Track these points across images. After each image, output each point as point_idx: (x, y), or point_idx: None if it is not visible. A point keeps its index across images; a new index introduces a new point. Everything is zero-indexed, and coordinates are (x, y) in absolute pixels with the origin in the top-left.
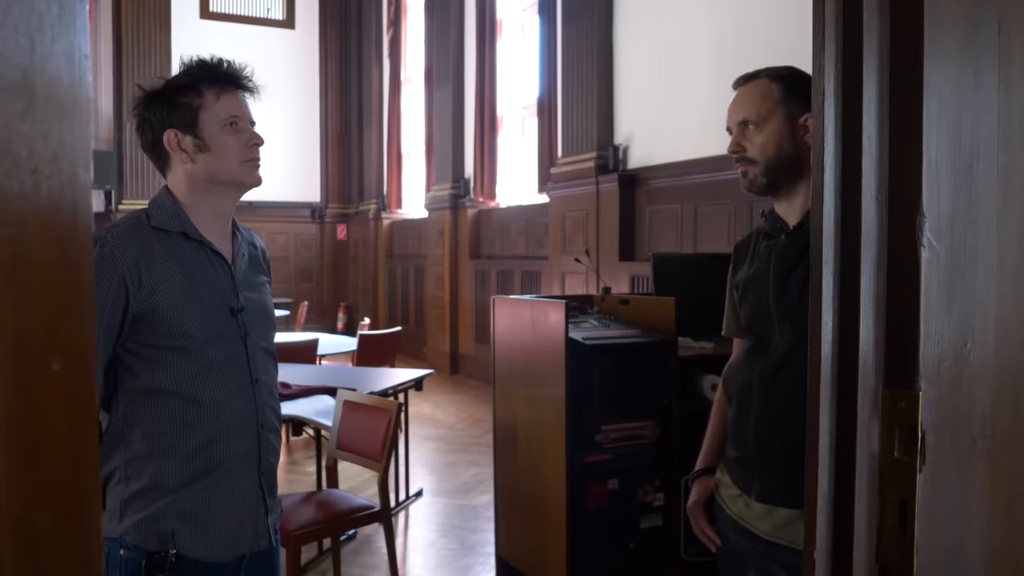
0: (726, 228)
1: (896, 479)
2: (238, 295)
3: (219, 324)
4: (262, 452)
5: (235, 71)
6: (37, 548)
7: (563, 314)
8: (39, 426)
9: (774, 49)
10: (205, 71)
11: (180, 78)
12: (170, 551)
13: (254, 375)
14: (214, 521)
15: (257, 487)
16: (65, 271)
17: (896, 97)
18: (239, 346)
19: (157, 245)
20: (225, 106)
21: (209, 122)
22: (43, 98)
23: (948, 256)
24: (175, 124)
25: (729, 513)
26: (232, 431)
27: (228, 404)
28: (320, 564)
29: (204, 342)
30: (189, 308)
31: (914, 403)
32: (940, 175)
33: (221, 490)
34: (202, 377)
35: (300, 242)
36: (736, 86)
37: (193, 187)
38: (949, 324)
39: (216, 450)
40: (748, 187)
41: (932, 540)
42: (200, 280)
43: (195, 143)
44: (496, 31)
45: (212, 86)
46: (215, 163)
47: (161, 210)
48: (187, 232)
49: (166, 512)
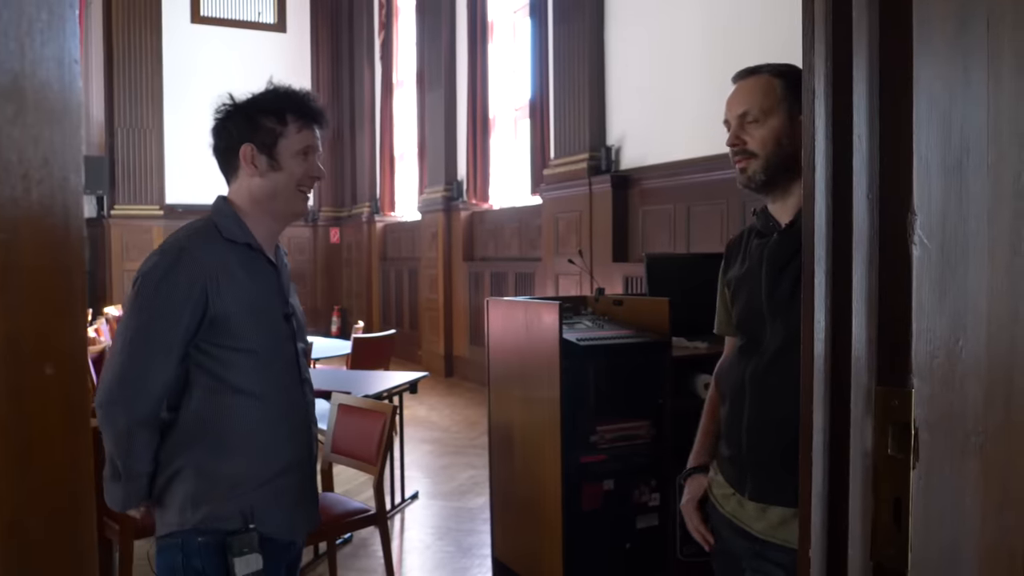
0: (719, 228)
1: (890, 476)
2: (287, 301)
3: (278, 329)
4: (312, 445)
5: (319, 110)
6: (29, 551)
7: (557, 315)
8: (32, 431)
9: (765, 49)
10: (294, 102)
11: (268, 100)
12: (251, 526)
13: (303, 374)
14: (279, 507)
15: (311, 477)
16: (57, 276)
17: (886, 95)
18: (291, 348)
19: (231, 256)
20: (303, 138)
21: (285, 149)
22: (33, 103)
23: (939, 253)
24: (254, 140)
25: (723, 512)
26: (293, 425)
27: (288, 402)
28: (316, 568)
29: (268, 345)
30: (256, 315)
31: (907, 400)
32: (931, 172)
33: (285, 481)
34: (266, 378)
35: (293, 246)
36: (737, 79)
37: (255, 201)
38: (941, 321)
39: (281, 444)
40: (746, 183)
41: (926, 537)
42: (263, 289)
43: (268, 162)
44: (487, 33)
45: (296, 119)
46: (279, 183)
47: (228, 221)
48: (251, 243)
49: (241, 498)
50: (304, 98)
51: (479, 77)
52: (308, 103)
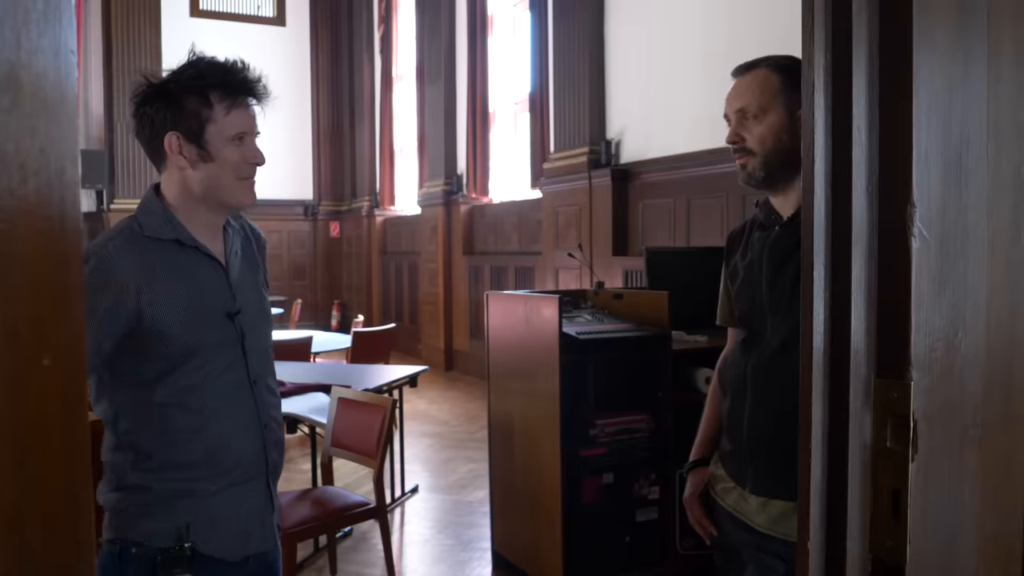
0: (719, 221)
1: (889, 469)
2: (234, 297)
3: (218, 331)
4: (267, 452)
5: (249, 80)
6: (29, 543)
7: (557, 309)
8: (29, 422)
9: (765, 41)
10: (215, 77)
11: (189, 79)
12: (185, 545)
13: (252, 376)
14: (225, 522)
15: (264, 487)
16: (54, 267)
17: (886, 87)
18: (237, 350)
19: (154, 257)
20: (234, 121)
21: (215, 135)
22: (29, 93)
23: (939, 246)
24: (178, 128)
25: (724, 505)
26: (237, 434)
27: (230, 408)
28: (316, 561)
29: (204, 352)
30: (189, 320)
31: (906, 393)
32: (930, 165)
33: (231, 493)
34: (203, 385)
35: (293, 240)
36: (735, 75)
37: (187, 194)
38: (940, 313)
39: (223, 455)
40: (746, 180)
41: (925, 529)
42: (198, 289)
43: (198, 152)
44: (487, 27)
45: (223, 97)
46: (214, 175)
47: (152, 217)
48: (181, 239)
49: (177, 513)
50: (230, 70)
51: (479, 71)
52: (236, 75)
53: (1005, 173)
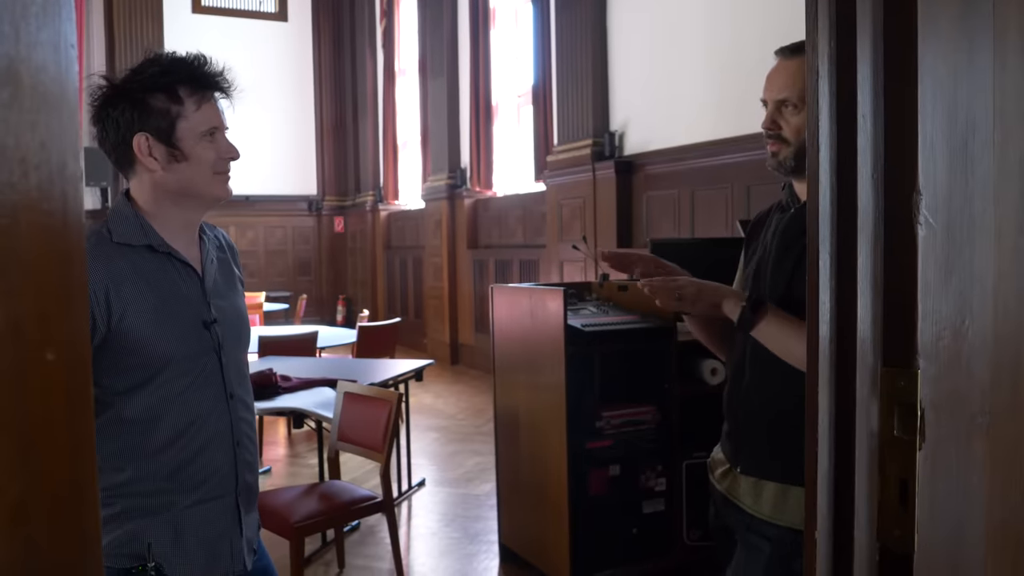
0: (723, 213)
1: (896, 457)
2: (210, 306)
3: (193, 341)
4: (238, 470)
5: (215, 73)
6: (34, 538)
7: (562, 301)
8: (34, 417)
9: (768, 31)
10: (182, 72)
11: (153, 77)
12: (148, 565)
13: (229, 389)
14: (189, 543)
15: (233, 508)
16: (56, 262)
17: (891, 74)
18: (214, 360)
19: (124, 264)
20: (205, 116)
21: (187, 132)
22: (29, 87)
23: (945, 233)
24: (147, 128)
25: (720, 489)
26: (209, 447)
27: (203, 422)
28: (324, 555)
29: (178, 362)
30: (161, 330)
31: (913, 381)
32: (936, 152)
33: (198, 511)
34: (176, 398)
35: (298, 235)
36: (781, 55)
37: (160, 197)
38: (947, 301)
39: (192, 467)
40: (776, 167)
41: (933, 518)
42: (170, 297)
43: (169, 152)
44: (489, 19)
45: (192, 92)
46: (188, 175)
47: (123, 222)
48: (153, 245)
49: (140, 532)
50: (196, 64)
51: (481, 64)
52: (203, 69)
53: (1011, 160)
